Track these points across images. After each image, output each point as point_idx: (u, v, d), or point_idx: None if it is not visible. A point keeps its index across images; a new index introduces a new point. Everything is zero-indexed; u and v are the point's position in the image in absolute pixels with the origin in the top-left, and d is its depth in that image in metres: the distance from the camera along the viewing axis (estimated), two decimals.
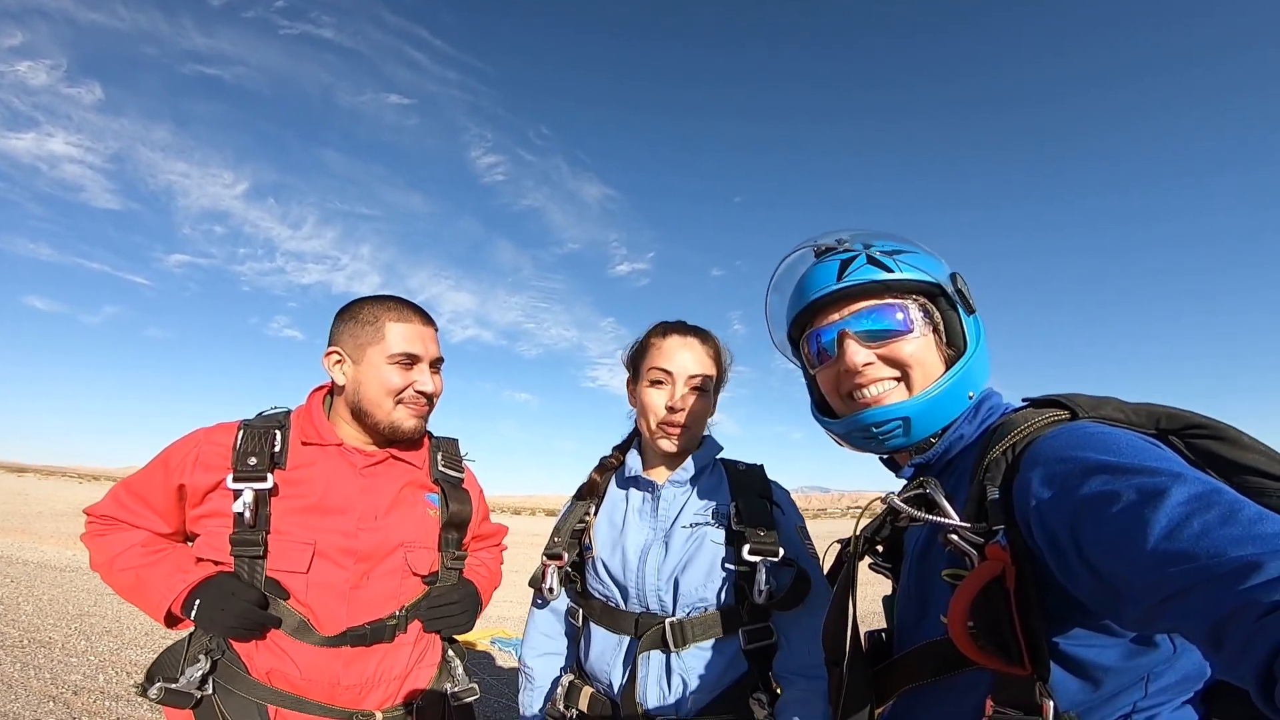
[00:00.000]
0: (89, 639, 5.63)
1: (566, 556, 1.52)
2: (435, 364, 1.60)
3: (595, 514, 1.57)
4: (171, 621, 1.40)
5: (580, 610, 1.53)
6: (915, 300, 1.02)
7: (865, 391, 1.01)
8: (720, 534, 1.42)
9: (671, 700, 1.36)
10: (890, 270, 1.01)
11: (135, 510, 1.46)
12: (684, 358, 1.48)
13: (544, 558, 1.53)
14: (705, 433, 1.58)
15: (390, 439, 1.56)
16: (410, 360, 1.53)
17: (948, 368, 1.01)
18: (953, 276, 1.06)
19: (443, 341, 1.63)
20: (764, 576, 1.35)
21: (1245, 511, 0.60)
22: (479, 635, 6.42)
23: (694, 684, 1.36)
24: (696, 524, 1.44)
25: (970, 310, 1.05)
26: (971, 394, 1.01)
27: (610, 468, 1.63)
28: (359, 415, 1.52)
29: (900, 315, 1.01)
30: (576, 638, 1.55)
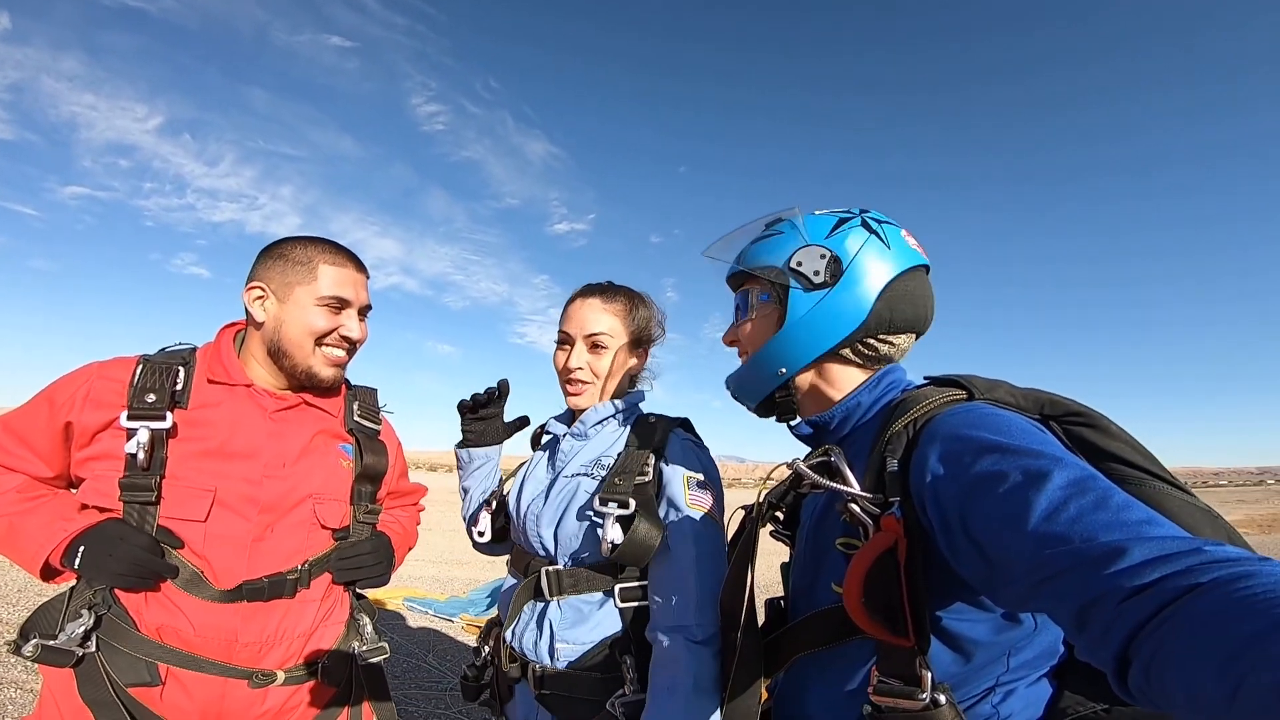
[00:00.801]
0: None
1: (494, 503, 1.60)
2: (363, 311, 1.55)
3: None
4: (49, 574, 1.29)
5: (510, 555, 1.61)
6: (762, 285, 1.13)
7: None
8: (594, 484, 1.41)
9: (543, 649, 1.35)
10: (739, 263, 1.17)
11: (12, 451, 1.33)
12: (581, 317, 1.52)
13: (481, 501, 1.63)
14: (635, 389, 1.61)
15: (304, 385, 1.50)
16: (340, 304, 1.48)
17: None
18: (790, 257, 1.06)
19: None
20: (609, 527, 1.28)
21: (1115, 498, 0.65)
22: (390, 594, 6.30)
23: (563, 635, 1.34)
24: (577, 474, 1.46)
25: (811, 287, 1.05)
26: (783, 370, 1.09)
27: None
28: (276, 356, 1.45)
29: (744, 301, 1.18)
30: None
